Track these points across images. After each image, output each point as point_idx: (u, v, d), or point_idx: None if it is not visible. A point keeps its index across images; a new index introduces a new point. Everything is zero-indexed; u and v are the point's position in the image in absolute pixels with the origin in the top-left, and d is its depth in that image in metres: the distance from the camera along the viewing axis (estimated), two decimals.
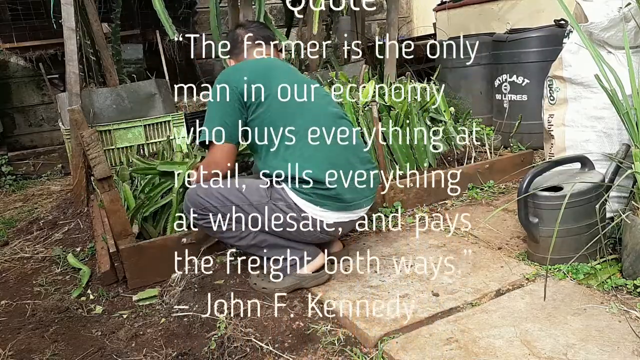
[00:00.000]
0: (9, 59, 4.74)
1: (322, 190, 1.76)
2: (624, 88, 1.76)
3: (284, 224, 1.78)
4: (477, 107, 3.79)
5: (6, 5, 4.45)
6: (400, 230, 2.36)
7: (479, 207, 2.59)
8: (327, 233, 1.85)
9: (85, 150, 2.08)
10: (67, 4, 2.79)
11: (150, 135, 3.38)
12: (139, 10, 4.78)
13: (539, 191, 1.83)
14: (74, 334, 1.77)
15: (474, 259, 2.01)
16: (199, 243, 2.10)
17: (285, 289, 1.86)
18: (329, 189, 1.76)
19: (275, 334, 1.62)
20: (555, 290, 1.70)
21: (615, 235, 1.89)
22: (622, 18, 1.86)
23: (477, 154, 3.00)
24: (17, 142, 4.92)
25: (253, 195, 1.78)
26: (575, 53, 2.08)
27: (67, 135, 3.12)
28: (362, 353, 1.52)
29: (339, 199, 1.79)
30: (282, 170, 1.76)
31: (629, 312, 1.54)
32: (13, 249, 2.60)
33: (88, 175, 2.90)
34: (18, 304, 2.03)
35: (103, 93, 3.34)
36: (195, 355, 1.57)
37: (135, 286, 2.02)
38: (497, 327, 1.53)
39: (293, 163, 1.76)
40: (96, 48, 3.57)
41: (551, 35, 3.23)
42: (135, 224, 2.16)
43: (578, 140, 2.10)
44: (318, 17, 2.90)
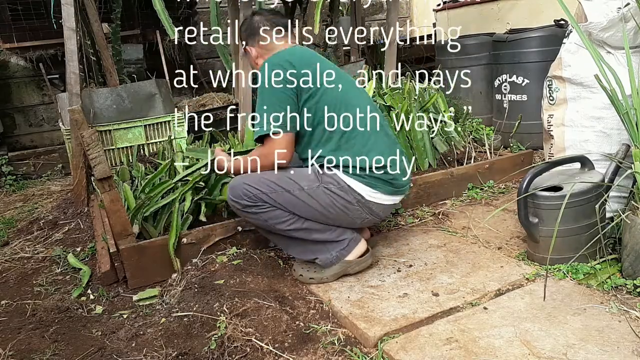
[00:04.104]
0: (9, 59, 4.75)
1: (379, 173, 1.82)
2: (624, 88, 1.76)
3: (336, 207, 1.82)
4: (477, 107, 3.79)
5: (6, 5, 4.45)
6: (400, 230, 2.36)
7: (478, 207, 2.59)
8: (374, 215, 1.90)
9: (85, 150, 2.08)
10: (67, 4, 2.79)
11: (151, 136, 3.38)
12: (139, 10, 4.78)
13: (538, 191, 1.83)
14: (74, 334, 1.77)
15: (474, 259, 2.01)
16: (199, 243, 2.11)
17: (333, 277, 1.90)
18: (387, 173, 1.83)
19: (275, 334, 1.62)
20: (555, 290, 1.70)
21: (615, 235, 1.89)
22: (621, 18, 1.86)
23: (477, 154, 3.00)
24: (18, 142, 4.93)
25: (303, 180, 1.82)
26: (575, 53, 2.08)
27: (68, 135, 3.12)
28: (362, 353, 1.52)
29: (391, 183, 1.85)
30: (335, 157, 1.81)
31: (628, 312, 1.54)
32: (13, 249, 2.60)
33: (88, 175, 2.90)
34: (18, 303, 2.03)
35: (103, 93, 3.34)
36: (195, 355, 1.57)
37: (136, 286, 2.02)
38: (497, 327, 1.53)
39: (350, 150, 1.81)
40: (96, 48, 3.57)
41: (551, 35, 3.23)
42: (135, 224, 2.16)
43: (578, 140, 2.10)
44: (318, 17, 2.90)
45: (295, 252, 1.95)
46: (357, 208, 1.84)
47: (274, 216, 1.84)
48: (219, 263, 2.05)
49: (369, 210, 1.87)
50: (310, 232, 1.87)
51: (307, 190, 1.81)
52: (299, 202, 1.82)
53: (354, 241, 1.91)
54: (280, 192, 1.81)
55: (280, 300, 1.80)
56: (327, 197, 1.81)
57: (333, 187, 1.81)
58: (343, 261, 1.89)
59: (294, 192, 1.81)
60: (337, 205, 1.82)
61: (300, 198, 1.81)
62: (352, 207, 1.83)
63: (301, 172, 1.84)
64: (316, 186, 1.81)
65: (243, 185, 1.83)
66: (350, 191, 1.81)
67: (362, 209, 1.85)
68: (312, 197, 1.81)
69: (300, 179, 1.82)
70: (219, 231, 2.14)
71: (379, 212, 1.91)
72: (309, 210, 1.83)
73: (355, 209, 1.84)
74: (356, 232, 1.96)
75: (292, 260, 2.03)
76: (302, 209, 1.83)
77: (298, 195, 1.81)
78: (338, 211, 1.83)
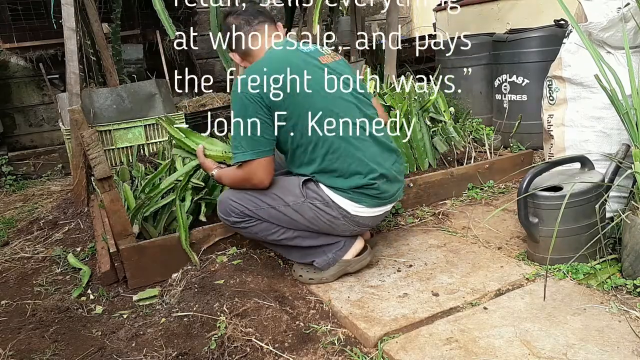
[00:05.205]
0: (9, 59, 4.75)
1: (362, 189, 1.78)
2: (624, 88, 1.76)
3: (321, 221, 1.80)
4: (477, 107, 3.79)
5: (6, 5, 4.45)
6: (400, 230, 2.36)
7: (478, 207, 2.59)
8: (363, 226, 1.89)
9: (85, 150, 2.08)
10: (67, 4, 2.79)
11: (151, 136, 3.38)
12: (139, 10, 4.78)
13: (538, 191, 1.83)
14: (74, 334, 1.77)
15: (474, 259, 2.01)
16: (199, 243, 2.11)
17: (332, 277, 1.90)
18: (373, 189, 1.79)
19: (275, 334, 1.62)
20: (555, 290, 1.70)
21: (615, 235, 1.89)
22: (621, 18, 1.86)
23: (477, 154, 3.00)
24: (18, 142, 4.93)
25: (288, 196, 1.79)
26: (575, 53, 2.08)
27: (68, 135, 3.12)
28: (362, 353, 1.52)
29: (378, 197, 1.82)
30: (319, 177, 1.78)
31: (628, 312, 1.54)
32: (13, 249, 2.60)
33: (88, 175, 2.90)
34: (18, 303, 2.03)
35: (103, 93, 3.34)
36: (195, 355, 1.57)
37: (136, 286, 2.02)
38: (497, 327, 1.53)
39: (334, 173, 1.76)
40: (96, 48, 3.57)
41: (551, 35, 3.23)
42: (135, 224, 2.16)
43: (577, 140, 2.10)
44: (318, 18, 2.90)
45: (294, 257, 1.95)
46: (343, 222, 1.82)
47: (264, 229, 1.84)
48: (219, 263, 2.05)
49: (356, 223, 1.84)
50: (303, 239, 1.87)
51: (293, 206, 1.79)
52: (285, 217, 1.81)
53: (349, 240, 1.91)
54: (265, 209, 1.81)
55: (280, 300, 1.80)
56: (312, 212, 1.79)
57: (318, 203, 1.78)
58: (341, 261, 1.89)
59: (279, 208, 1.80)
60: (322, 220, 1.80)
61: (286, 214, 1.80)
62: (338, 221, 1.81)
63: (287, 186, 1.81)
64: (301, 202, 1.79)
65: (229, 202, 1.83)
66: (335, 207, 1.78)
67: (348, 223, 1.83)
68: (297, 212, 1.79)
69: (286, 194, 1.79)
70: (219, 231, 2.14)
71: (368, 223, 1.88)
72: (296, 224, 1.82)
73: (341, 223, 1.82)
74: None
75: (292, 261, 2.03)
76: (289, 224, 1.83)
77: (283, 211, 1.80)
78: (324, 225, 1.82)
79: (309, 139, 1.74)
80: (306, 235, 1.86)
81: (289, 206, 1.79)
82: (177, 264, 2.06)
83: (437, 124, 2.92)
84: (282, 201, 1.79)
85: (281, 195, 1.80)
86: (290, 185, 1.81)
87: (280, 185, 1.82)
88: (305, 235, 1.86)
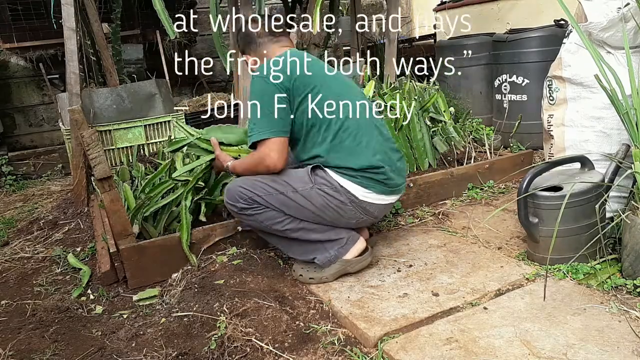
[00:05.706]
0: (9, 59, 4.75)
1: (371, 173, 1.82)
2: (624, 88, 1.76)
3: (330, 207, 1.83)
4: (477, 107, 3.79)
5: (6, 5, 4.45)
6: (400, 230, 2.36)
7: (478, 207, 2.59)
8: (369, 215, 1.91)
9: (85, 150, 2.08)
10: (67, 4, 2.79)
11: (151, 136, 3.38)
12: (139, 10, 4.78)
13: (538, 191, 1.83)
14: (74, 334, 1.77)
15: (474, 259, 2.01)
16: (199, 243, 2.11)
17: (332, 276, 1.91)
18: (380, 173, 1.84)
19: (275, 334, 1.62)
20: (555, 290, 1.70)
21: (615, 235, 1.89)
22: (621, 18, 1.86)
23: (477, 154, 3.00)
24: (18, 142, 4.93)
25: (296, 182, 1.83)
26: (575, 53, 2.08)
27: (68, 135, 3.12)
28: (362, 353, 1.52)
29: (385, 183, 1.86)
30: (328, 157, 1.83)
31: (628, 312, 1.54)
32: (13, 249, 2.60)
33: (88, 175, 2.90)
34: (18, 303, 2.03)
35: (103, 93, 3.34)
36: (195, 355, 1.57)
37: (136, 286, 2.02)
38: (497, 327, 1.53)
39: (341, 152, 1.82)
40: (96, 48, 3.57)
41: (551, 35, 3.23)
42: (135, 224, 2.16)
43: (577, 140, 2.10)
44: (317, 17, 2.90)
45: (295, 253, 1.96)
46: (351, 208, 1.85)
47: (270, 217, 1.86)
48: (219, 263, 2.05)
49: (364, 210, 1.87)
50: (307, 232, 1.88)
51: (301, 192, 1.82)
52: (293, 203, 1.83)
53: (351, 240, 1.92)
54: (274, 195, 1.83)
55: (280, 300, 1.80)
56: (321, 198, 1.82)
57: (326, 188, 1.82)
58: (342, 260, 1.90)
59: (288, 194, 1.83)
60: (331, 206, 1.83)
61: (294, 200, 1.83)
62: (346, 207, 1.84)
63: (295, 174, 1.86)
64: (309, 187, 1.82)
65: (238, 188, 1.86)
66: (343, 191, 1.82)
67: (356, 209, 1.86)
68: (305, 199, 1.83)
69: (294, 181, 1.84)
70: (219, 231, 2.15)
71: (374, 211, 1.91)
72: (304, 211, 1.84)
73: (349, 209, 1.85)
74: (354, 230, 1.97)
75: (292, 260, 2.03)
76: (296, 211, 1.85)
77: (292, 197, 1.83)
78: (332, 212, 1.85)
79: (323, 118, 1.83)
80: (311, 227, 1.87)
81: (298, 192, 1.82)
82: (177, 263, 2.06)
83: (437, 124, 2.93)
84: (290, 187, 1.83)
85: (290, 182, 1.84)
86: (299, 172, 1.86)
87: (289, 174, 1.87)
88: (310, 227, 1.87)
